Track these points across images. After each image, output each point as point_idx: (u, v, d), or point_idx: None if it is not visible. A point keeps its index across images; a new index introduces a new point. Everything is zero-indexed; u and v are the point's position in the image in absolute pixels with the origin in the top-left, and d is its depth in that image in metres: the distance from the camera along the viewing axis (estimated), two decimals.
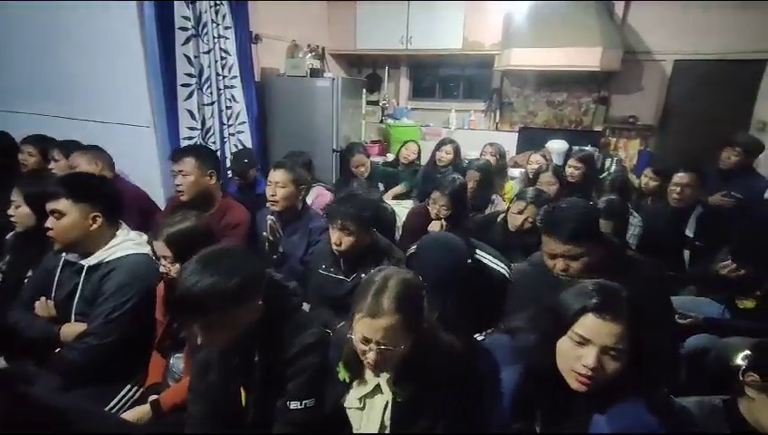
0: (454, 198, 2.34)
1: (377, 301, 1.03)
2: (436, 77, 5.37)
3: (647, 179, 3.00)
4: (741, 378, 1.04)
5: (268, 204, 2.17)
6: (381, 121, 5.08)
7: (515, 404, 1.09)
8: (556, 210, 1.52)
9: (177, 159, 2.16)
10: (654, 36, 4.28)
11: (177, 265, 1.41)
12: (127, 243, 1.67)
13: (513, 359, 1.14)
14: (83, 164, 2.43)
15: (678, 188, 2.55)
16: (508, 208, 2.31)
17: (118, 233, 1.68)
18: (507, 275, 1.84)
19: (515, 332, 1.20)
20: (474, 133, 4.90)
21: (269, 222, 2.11)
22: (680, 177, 2.55)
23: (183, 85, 2.97)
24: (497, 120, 5.05)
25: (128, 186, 2.66)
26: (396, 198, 3.49)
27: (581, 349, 0.97)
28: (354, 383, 1.18)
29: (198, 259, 1.11)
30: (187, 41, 2.93)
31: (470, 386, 1.15)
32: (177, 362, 1.56)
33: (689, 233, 2.55)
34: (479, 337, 1.53)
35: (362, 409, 1.17)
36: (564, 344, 1.01)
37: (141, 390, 1.61)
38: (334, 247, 1.79)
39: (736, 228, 2.05)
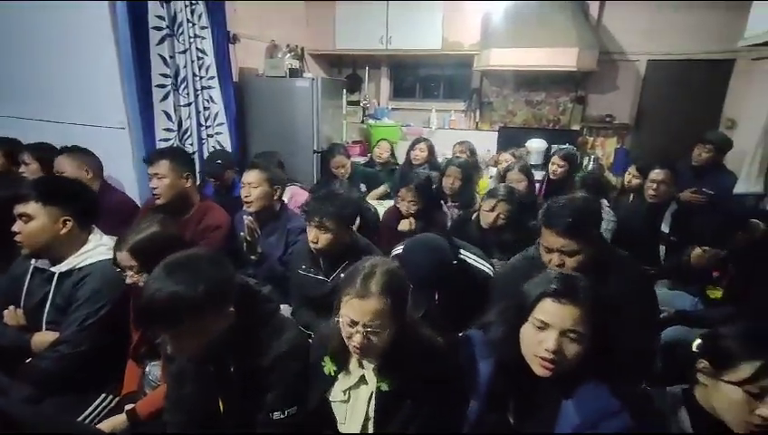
0: (420, 191, 2.36)
1: (365, 284, 1.07)
2: (416, 77, 5.39)
3: (630, 177, 3.06)
4: (695, 366, 1.07)
5: (245, 206, 2.15)
6: (362, 122, 5.07)
7: (488, 396, 1.11)
8: (558, 204, 1.52)
9: (152, 162, 2.10)
10: (628, 37, 4.38)
11: (145, 276, 1.36)
12: (100, 248, 1.62)
13: (486, 353, 1.16)
14: (70, 168, 2.34)
15: (654, 185, 2.61)
16: (480, 206, 2.34)
17: (90, 238, 1.64)
18: (491, 275, 1.86)
19: (487, 326, 1.22)
20: (454, 133, 4.92)
21: (246, 222, 2.08)
22: (656, 173, 2.61)
23: (158, 86, 2.90)
24: (477, 120, 5.10)
25: (116, 192, 2.59)
26: (379, 198, 3.49)
27: (542, 333, 1.01)
28: (339, 376, 1.19)
29: (164, 266, 1.08)
30: (162, 40, 2.87)
31: (449, 378, 1.17)
32: (154, 369, 1.52)
33: (665, 228, 2.61)
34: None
35: (347, 401, 1.18)
36: (527, 331, 1.05)
37: (117, 399, 1.57)
38: (311, 245, 1.78)
39: (707, 225, 2.12)
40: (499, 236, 2.20)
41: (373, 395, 1.15)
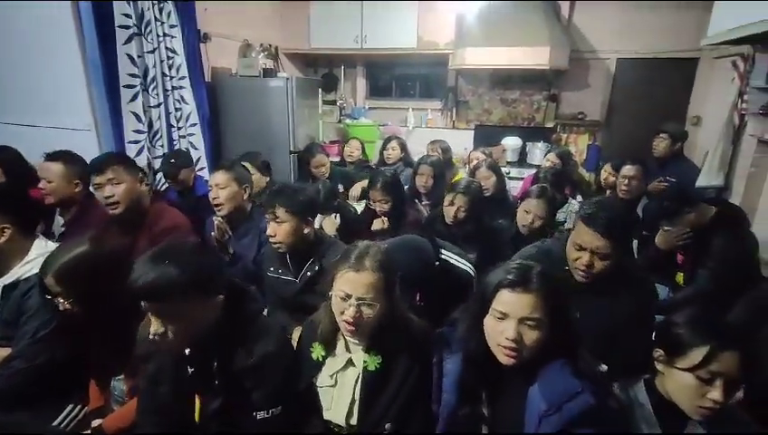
0: (387, 189, 2.36)
1: (360, 259, 1.14)
2: (392, 76, 5.40)
3: (606, 174, 3.14)
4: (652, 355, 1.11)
5: (215, 209, 2.10)
6: (339, 121, 5.05)
7: (461, 390, 1.13)
8: (603, 204, 1.50)
9: (101, 169, 1.90)
10: (598, 36, 4.48)
11: (75, 305, 1.28)
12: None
13: (456, 348, 1.18)
14: (57, 180, 2.07)
15: (626, 181, 2.67)
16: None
17: (34, 246, 1.56)
18: (472, 273, 1.87)
19: (455, 322, 1.24)
20: (432, 131, 4.95)
21: (216, 223, 2.03)
22: (627, 169, 2.68)
23: (127, 86, 2.83)
24: (454, 119, 5.13)
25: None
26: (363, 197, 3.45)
27: (502, 323, 1.04)
28: (327, 361, 1.23)
29: (151, 253, 1.08)
30: (130, 39, 2.80)
31: (429, 366, 1.21)
32: (119, 384, 1.46)
33: None
34: None
35: (334, 386, 1.21)
36: (488, 322, 1.08)
37: (84, 411, 1.50)
38: (270, 241, 1.76)
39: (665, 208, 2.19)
40: (462, 230, 2.22)
41: (360, 377, 1.19)
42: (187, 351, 1.16)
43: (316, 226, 1.95)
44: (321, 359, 1.23)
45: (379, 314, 1.13)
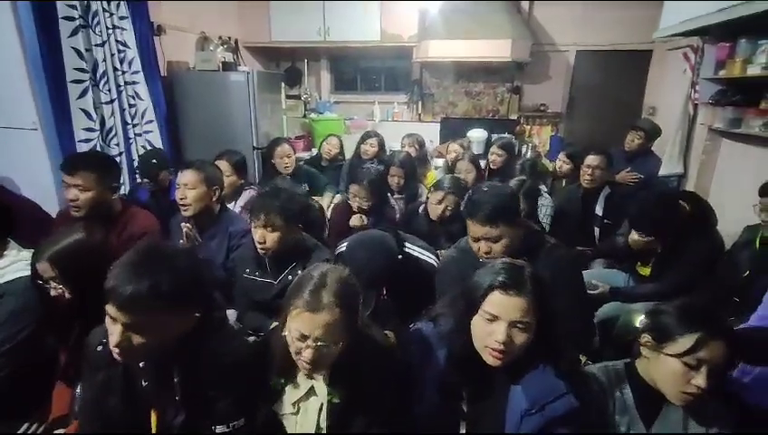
0: (372, 188, 2.34)
1: (317, 296, 1.01)
2: (357, 69, 5.34)
3: (561, 163, 3.21)
4: (638, 340, 1.14)
5: (181, 210, 2.00)
6: (304, 116, 4.96)
7: (442, 388, 1.11)
8: (476, 194, 1.56)
9: (72, 172, 1.83)
10: (558, 28, 4.58)
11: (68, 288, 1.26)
12: (18, 263, 1.48)
13: (437, 345, 1.17)
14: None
15: (590, 170, 2.74)
16: (427, 199, 2.35)
17: (5, 253, 1.49)
18: (436, 265, 1.87)
19: (437, 318, 1.23)
20: (398, 125, 4.94)
21: (185, 230, 1.94)
22: (591, 159, 2.75)
23: (74, 81, 2.66)
24: (420, 112, 5.14)
25: (15, 198, 2.33)
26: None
27: (492, 325, 1.03)
28: (287, 389, 1.13)
29: (146, 251, 1.00)
30: (75, 32, 2.62)
31: (402, 378, 1.15)
32: None
33: (599, 211, 2.77)
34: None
35: (296, 414, 1.12)
36: (477, 323, 1.06)
37: (44, 426, 1.43)
38: (258, 247, 1.69)
39: (634, 202, 2.25)
40: (447, 227, 2.22)
41: (324, 406, 1.10)
42: (141, 363, 1.08)
43: None
44: (280, 387, 1.13)
45: (339, 350, 1.04)
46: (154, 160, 2.78)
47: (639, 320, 1.17)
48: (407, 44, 4.59)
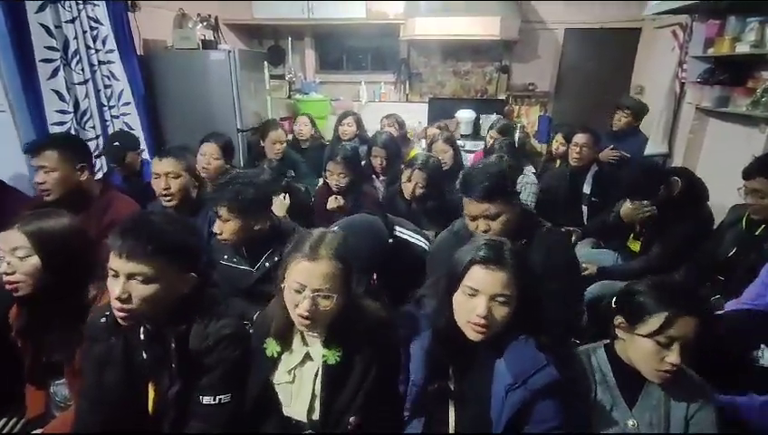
0: (347, 164, 2.30)
1: (316, 247, 1.06)
2: (342, 48, 5.21)
3: (557, 144, 3.19)
4: (612, 323, 1.14)
5: (162, 201, 1.92)
6: (289, 97, 4.84)
7: (429, 366, 1.12)
8: (471, 172, 1.54)
9: (35, 153, 1.81)
10: (547, 6, 4.50)
11: (33, 262, 1.20)
12: None
13: (423, 326, 1.17)
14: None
15: (578, 149, 2.73)
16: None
17: None
18: (427, 249, 1.86)
19: (421, 299, 1.24)
20: (385, 105, 4.84)
21: None
22: (579, 137, 2.73)
23: (44, 60, 2.52)
24: (407, 92, 5.05)
25: None
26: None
27: (473, 300, 1.04)
28: (283, 357, 1.15)
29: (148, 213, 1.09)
30: (43, 8, 2.47)
31: (393, 348, 1.17)
32: (60, 389, 1.37)
33: (586, 190, 2.76)
34: None
35: (292, 382, 1.15)
36: (458, 298, 1.07)
37: (23, 421, 1.43)
38: (217, 237, 1.66)
39: (626, 173, 2.24)
40: (423, 206, 2.19)
41: (319, 371, 1.13)
42: (141, 335, 1.11)
43: None
44: (276, 355, 1.15)
45: (337, 305, 1.06)
46: (116, 143, 2.62)
47: (614, 300, 1.16)
48: (393, 22, 4.47)
